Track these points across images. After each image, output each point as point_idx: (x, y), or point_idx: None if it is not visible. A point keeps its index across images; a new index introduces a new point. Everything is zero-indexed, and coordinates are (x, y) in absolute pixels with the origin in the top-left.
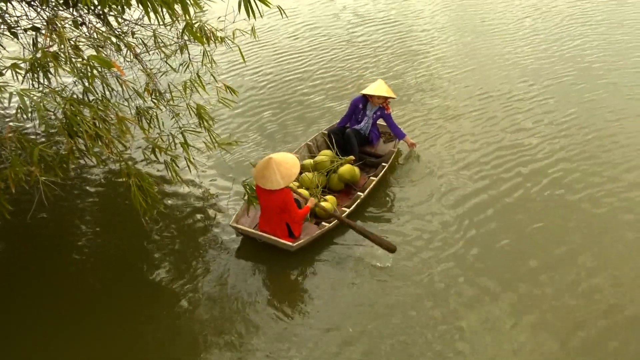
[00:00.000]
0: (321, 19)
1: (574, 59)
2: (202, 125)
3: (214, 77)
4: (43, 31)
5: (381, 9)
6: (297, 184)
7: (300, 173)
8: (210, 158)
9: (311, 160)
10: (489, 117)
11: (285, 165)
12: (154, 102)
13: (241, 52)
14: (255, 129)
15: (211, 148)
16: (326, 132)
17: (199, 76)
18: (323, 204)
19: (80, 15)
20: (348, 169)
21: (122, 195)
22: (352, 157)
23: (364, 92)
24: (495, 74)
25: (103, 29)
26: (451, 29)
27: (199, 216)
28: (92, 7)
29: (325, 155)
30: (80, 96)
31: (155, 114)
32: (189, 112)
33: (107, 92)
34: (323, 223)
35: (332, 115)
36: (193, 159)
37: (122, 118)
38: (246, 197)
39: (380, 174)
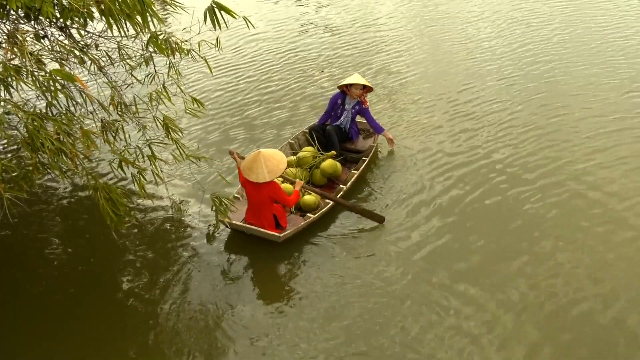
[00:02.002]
0: (269, 30)
1: (517, 60)
2: (169, 137)
3: (180, 89)
4: (3, 45)
5: (325, 17)
6: (281, 179)
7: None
8: (179, 169)
9: (294, 157)
10: (442, 120)
11: (273, 160)
12: (119, 115)
13: (208, 64)
14: (222, 137)
15: (180, 160)
16: (307, 130)
17: (164, 88)
18: (307, 197)
19: (42, 28)
20: (330, 163)
21: (91, 208)
22: (333, 152)
23: (343, 82)
24: (440, 78)
25: (66, 41)
26: (395, 36)
27: (170, 225)
28: (54, 20)
29: (307, 151)
30: (44, 110)
31: (121, 126)
32: (156, 125)
33: (72, 106)
34: (308, 215)
35: (278, 126)
36: (162, 171)
37: (87, 131)
38: (215, 209)
39: (362, 168)
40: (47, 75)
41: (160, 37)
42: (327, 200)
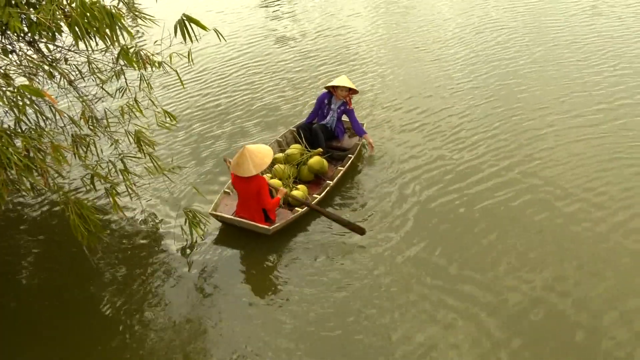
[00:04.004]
0: (222, 41)
1: (468, 66)
2: (141, 150)
3: (152, 102)
4: None
5: (276, 29)
6: (270, 175)
7: (273, 165)
8: (153, 183)
9: (282, 154)
10: (403, 125)
11: (258, 154)
12: (90, 129)
13: (179, 77)
14: (194, 150)
15: (154, 173)
16: (294, 128)
17: (136, 101)
18: (295, 192)
19: (10, 43)
20: (317, 160)
21: (63, 224)
22: (320, 149)
23: (329, 84)
24: (395, 86)
25: (34, 56)
26: (347, 47)
27: (147, 237)
28: (22, 34)
29: (295, 148)
30: (12, 126)
31: (92, 141)
32: (128, 138)
33: (42, 121)
34: (297, 208)
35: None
36: (135, 184)
37: (57, 146)
38: (188, 223)
39: (347, 164)
40: (15, 90)
41: (131, 50)
42: (314, 195)
